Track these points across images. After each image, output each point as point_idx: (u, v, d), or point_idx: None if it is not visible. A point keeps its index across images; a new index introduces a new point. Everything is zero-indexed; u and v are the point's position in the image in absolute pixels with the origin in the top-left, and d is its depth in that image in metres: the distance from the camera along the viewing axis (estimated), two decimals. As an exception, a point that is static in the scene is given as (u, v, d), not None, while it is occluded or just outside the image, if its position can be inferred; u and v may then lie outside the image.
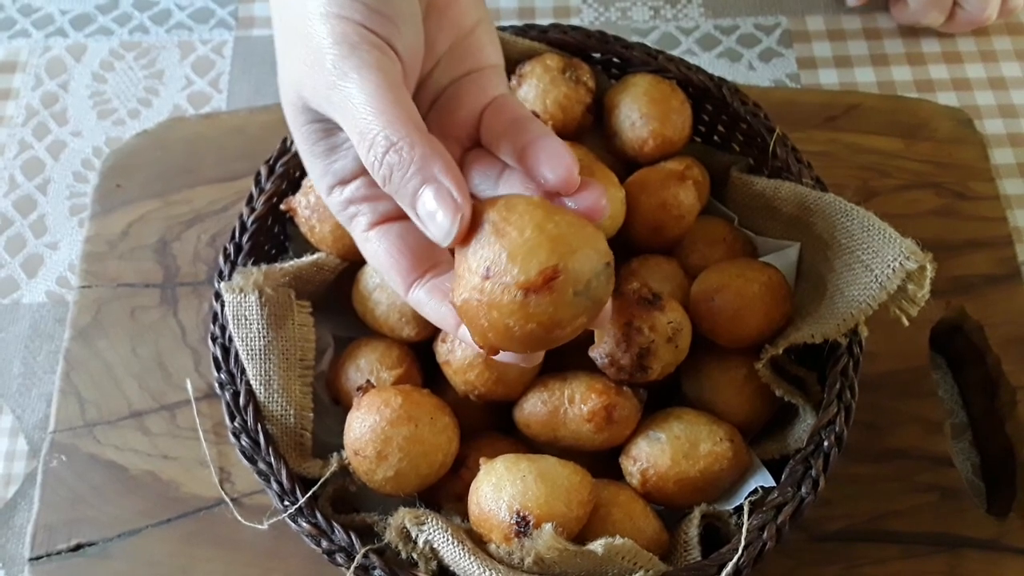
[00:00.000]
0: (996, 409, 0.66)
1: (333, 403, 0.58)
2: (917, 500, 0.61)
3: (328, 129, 0.45)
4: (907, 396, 0.65)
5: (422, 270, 0.45)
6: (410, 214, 0.42)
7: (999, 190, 0.74)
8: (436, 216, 0.40)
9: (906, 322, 0.52)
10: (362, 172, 0.46)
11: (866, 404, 0.60)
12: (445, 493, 0.53)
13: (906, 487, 0.62)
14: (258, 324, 0.53)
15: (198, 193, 0.72)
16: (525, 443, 0.55)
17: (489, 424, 0.56)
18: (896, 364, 0.65)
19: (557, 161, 0.43)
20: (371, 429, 0.50)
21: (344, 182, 0.46)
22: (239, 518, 0.57)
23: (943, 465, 0.62)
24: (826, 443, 0.51)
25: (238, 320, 0.53)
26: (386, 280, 0.46)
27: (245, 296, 0.53)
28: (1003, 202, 0.74)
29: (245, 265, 0.57)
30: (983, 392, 0.67)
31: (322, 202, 0.53)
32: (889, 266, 0.50)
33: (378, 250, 0.46)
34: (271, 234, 0.61)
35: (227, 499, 0.59)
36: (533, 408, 0.53)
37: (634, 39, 0.84)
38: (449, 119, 0.47)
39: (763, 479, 0.53)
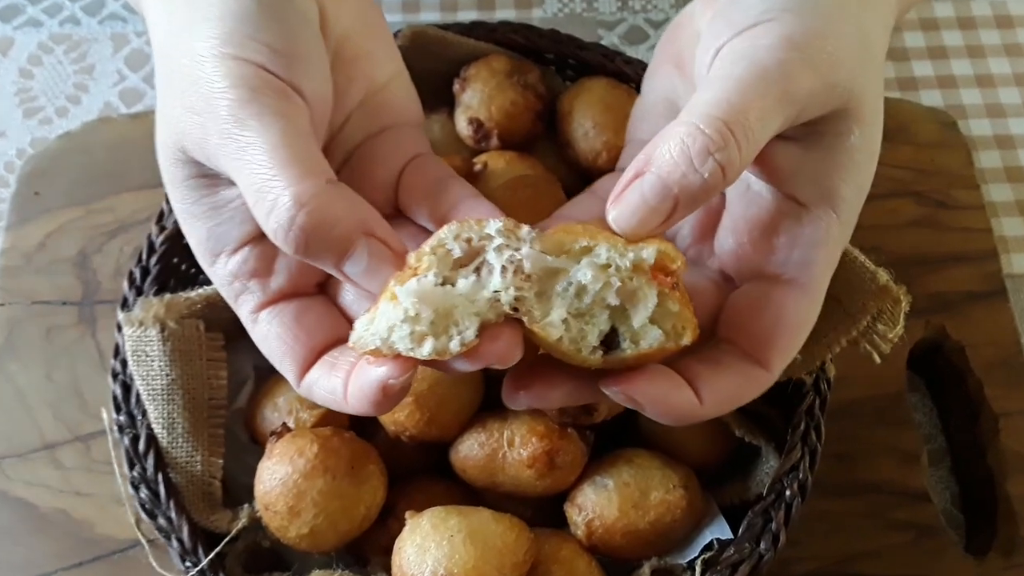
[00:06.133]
0: (977, 436, 0.62)
1: (252, 442, 0.53)
2: (891, 539, 0.57)
3: (212, 185, 0.40)
4: (882, 424, 0.61)
5: (318, 355, 0.40)
6: (338, 276, 0.37)
7: (984, 198, 0.70)
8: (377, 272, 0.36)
9: (878, 359, 0.47)
10: (251, 239, 0.40)
11: (838, 433, 0.56)
12: (371, 545, 0.49)
13: (879, 524, 0.58)
14: (159, 361, 0.48)
15: (123, 200, 0.67)
16: (462, 487, 0.50)
17: (424, 466, 0.52)
18: (871, 390, 0.61)
19: None
20: (282, 482, 0.45)
21: (230, 251, 0.41)
22: (155, 565, 0.53)
23: (919, 500, 0.58)
24: (788, 492, 0.47)
25: (138, 356, 0.48)
26: (277, 367, 0.41)
27: (145, 330, 0.48)
28: (988, 211, 0.69)
29: (154, 290, 0.51)
30: (964, 417, 0.63)
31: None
32: (859, 301, 0.46)
33: (268, 334, 0.40)
34: (188, 254, 0.56)
35: (143, 540, 0.55)
36: (470, 451, 0.49)
37: (600, 32, 0.79)
38: (363, 181, 0.41)
39: (720, 530, 0.49)
